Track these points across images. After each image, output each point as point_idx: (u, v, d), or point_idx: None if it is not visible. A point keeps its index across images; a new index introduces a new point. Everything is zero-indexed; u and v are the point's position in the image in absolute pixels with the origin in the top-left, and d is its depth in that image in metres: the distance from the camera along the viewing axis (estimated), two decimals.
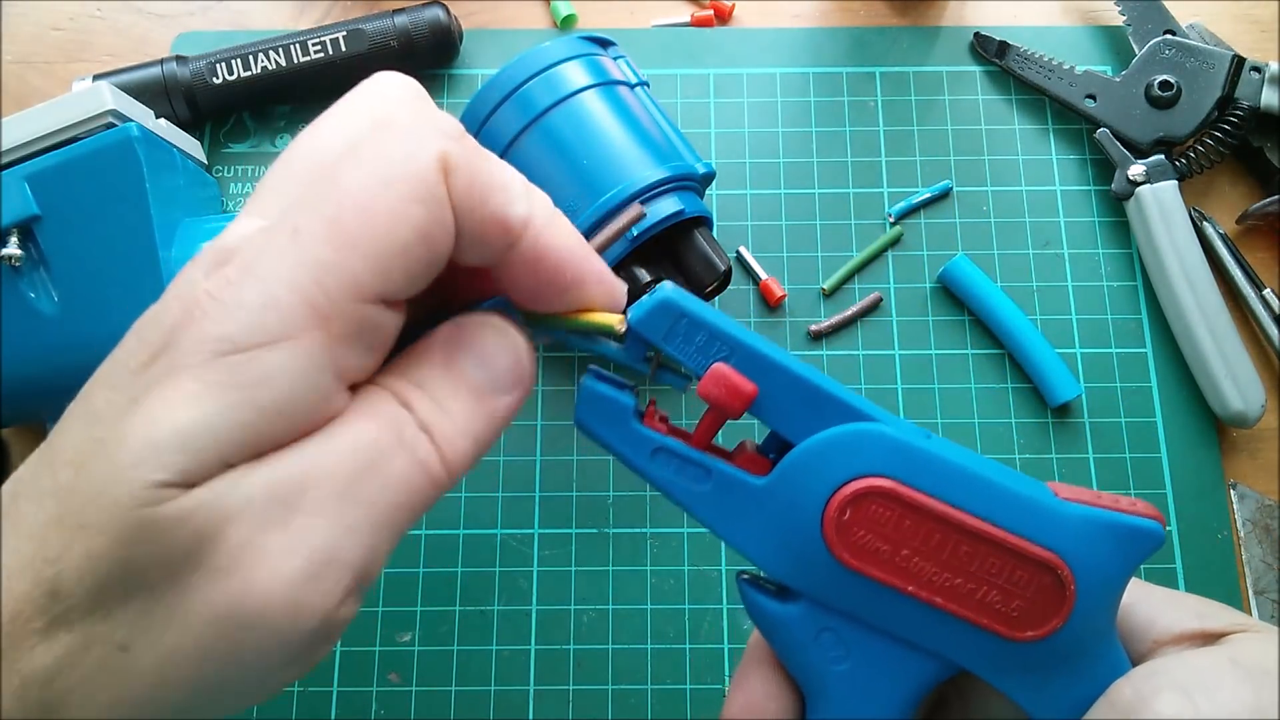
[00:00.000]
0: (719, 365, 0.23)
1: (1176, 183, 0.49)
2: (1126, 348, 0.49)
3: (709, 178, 0.46)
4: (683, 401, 0.48)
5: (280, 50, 0.51)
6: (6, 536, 0.18)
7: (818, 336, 0.49)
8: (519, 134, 0.43)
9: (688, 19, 0.55)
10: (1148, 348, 0.49)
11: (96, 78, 0.49)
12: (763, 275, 0.50)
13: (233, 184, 0.52)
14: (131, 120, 0.43)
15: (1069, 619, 0.22)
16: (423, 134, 0.19)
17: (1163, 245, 0.48)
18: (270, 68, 0.51)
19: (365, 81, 0.21)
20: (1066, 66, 0.52)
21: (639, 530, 0.47)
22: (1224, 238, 0.50)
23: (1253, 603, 0.45)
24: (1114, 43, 0.55)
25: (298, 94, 0.52)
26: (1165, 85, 0.50)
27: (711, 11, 0.55)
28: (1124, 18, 0.52)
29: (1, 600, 0.17)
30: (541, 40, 0.49)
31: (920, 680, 0.23)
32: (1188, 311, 0.47)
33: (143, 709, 0.18)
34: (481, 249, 0.20)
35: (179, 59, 0.51)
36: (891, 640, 0.23)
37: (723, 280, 0.44)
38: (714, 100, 0.54)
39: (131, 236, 0.41)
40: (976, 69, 0.54)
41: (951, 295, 0.50)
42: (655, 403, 0.25)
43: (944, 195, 0.52)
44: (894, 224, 0.51)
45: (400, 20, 0.52)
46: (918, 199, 0.51)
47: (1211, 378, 0.46)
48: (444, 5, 0.53)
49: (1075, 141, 0.53)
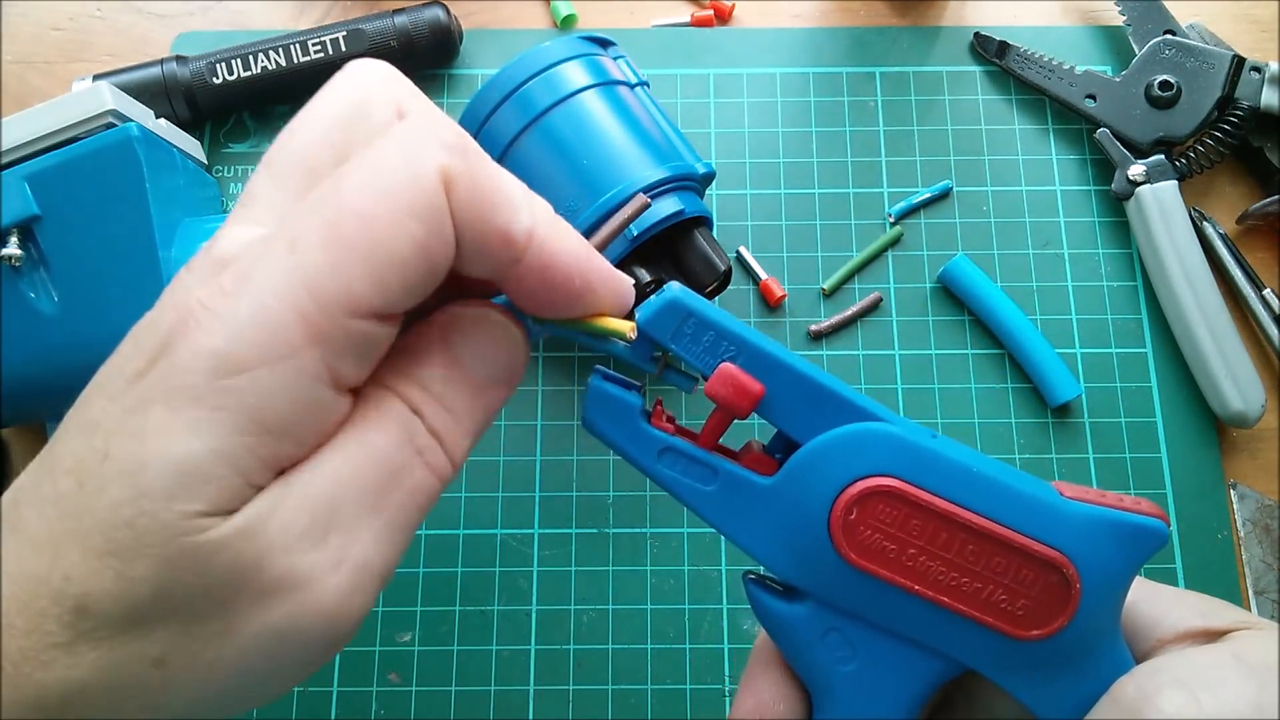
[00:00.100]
0: (726, 365, 0.23)
1: (1176, 183, 0.49)
2: (1126, 348, 0.49)
3: (709, 178, 0.46)
4: (682, 401, 0.48)
5: (280, 50, 0.51)
6: (8, 543, 0.18)
7: (818, 336, 0.49)
8: (519, 134, 0.43)
9: (688, 19, 0.55)
10: (1148, 348, 0.49)
11: (96, 78, 0.49)
12: (763, 275, 0.50)
13: (233, 184, 0.52)
14: (131, 120, 0.43)
15: (1074, 617, 0.22)
16: (424, 146, 0.19)
17: (1163, 245, 0.48)
18: (270, 68, 0.51)
19: (340, 72, 0.20)
20: (1066, 66, 0.52)
21: (639, 530, 0.47)
22: (1224, 238, 0.50)
23: (1253, 603, 0.45)
24: (1114, 43, 0.55)
25: (298, 94, 0.52)
26: (1165, 85, 0.50)
27: (711, 11, 0.55)
28: (1124, 18, 0.52)
29: (10, 609, 0.17)
30: (541, 40, 0.50)
31: (926, 680, 0.23)
32: (1188, 311, 0.47)
33: (175, 714, 0.18)
34: (485, 261, 0.20)
35: (179, 59, 0.51)
36: (898, 640, 0.23)
37: (723, 280, 0.44)
38: (714, 100, 0.54)
39: (131, 236, 0.41)
40: (976, 69, 0.54)
41: (951, 295, 0.50)
42: (662, 403, 0.25)
43: (944, 195, 0.52)
44: (894, 224, 0.51)
45: (400, 20, 0.52)
46: (918, 199, 0.51)
47: (1211, 378, 0.46)
48: (444, 5, 0.53)
49: (1075, 141, 0.53)
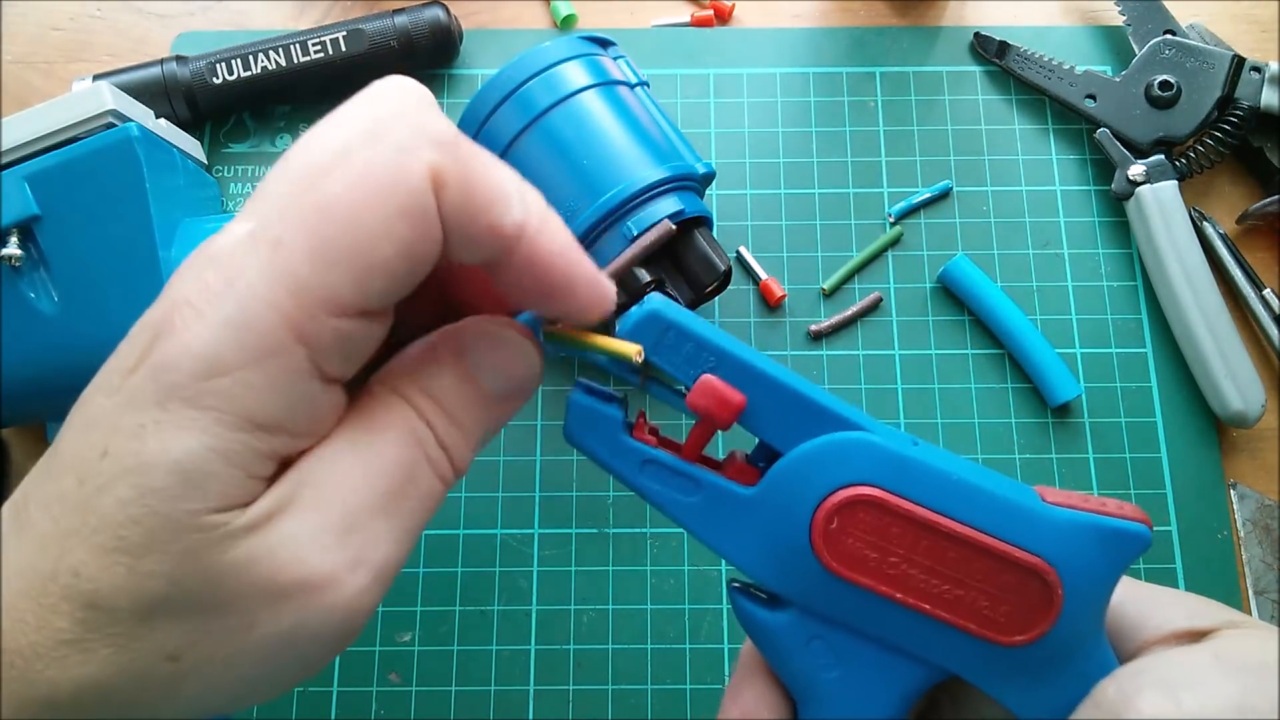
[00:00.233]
0: (707, 377, 0.23)
1: (1176, 183, 0.49)
2: (1126, 348, 0.49)
3: (709, 178, 0.46)
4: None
5: (280, 50, 0.51)
6: (17, 541, 0.18)
7: (818, 336, 0.49)
8: (519, 134, 0.43)
9: (688, 19, 0.55)
10: (1148, 348, 0.49)
11: (96, 78, 0.49)
12: (763, 275, 0.50)
13: (233, 184, 0.52)
14: (131, 120, 0.43)
15: (1056, 623, 0.22)
16: (413, 145, 0.18)
17: (1163, 245, 0.48)
18: (270, 68, 0.51)
19: (371, 85, 0.20)
20: (1066, 66, 0.52)
21: (639, 530, 0.47)
22: (1224, 238, 0.50)
23: (1253, 603, 0.45)
24: (1114, 43, 0.55)
25: (298, 94, 0.52)
26: (1165, 85, 0.50)
27: (711, 11, 0.55)
28: (1124, 18, 0.52)
29: (20, 605, 0.17)
30: (541, 40, 0.50)
31: (910, 686, 0.23)
32: (1188, 311, 0.47)
33: (188, 710, 0.19)
34: (474, 254, 0.20)
35: (179, 59, 0.51)
36: (881, 647, 0.23)
37: (723, 280, 0.44)
38: (714, 100, 0.54)
39: (131, 236, 0.41)
40: (976, 69, 0.54)
41: (951, 295, 0.50)
42: (645, 415, 0.25)
43: (944, 195, 0.52)
44: (894, 224, 0.51)
45: (400, 20, 0.52)
46: (918, 199, 0.51)
47: (1211, 378, 0.46)
48: (444, 5, 0.53)
49: (1075, 141, 0.53)
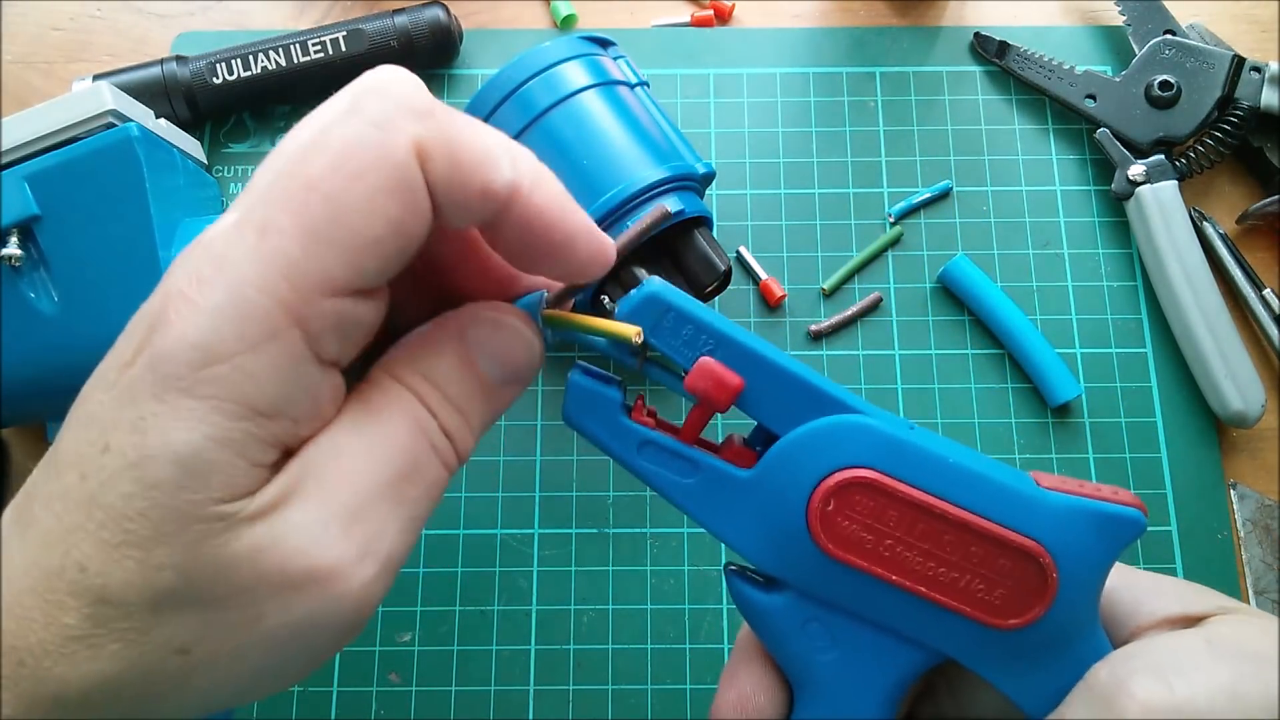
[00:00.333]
0: (705, 359, 0.23)
1: (1176, 183, 0.49)
2: (1126, 348, 0.49)
3: (709, 178, 0.46)
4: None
5: (280, 50, 0.51)
6: (22, 539, 0.18)
7: (818, 336, 0.49)
8: (519, 134, 0.43)
9: (688, 19, 0.55)
10: (1148, 348, 0.49)
11: (96, 78, 0.49)
12: (763, 275, 0.50)
13: (233, 184, 0.52)
14: (131, 120, 0.43)
15: (1051, 606, 0.22)
16: (394, 120, 0.18)
17: (1163, 245, 0.48)
18: (270, 68, 0.51)
19: (364, 75, 0.21)
20: (1066, 66, 0.52)
21: (639, 530, 0.47)
22: (1224, 238, 0.50)
23: (1253, 603, 0.45)
24: (1114, 43, 0.55)
25: (298, 94, 0.52)
26: (1165, 85, 0.50)
27: (711, 11, 0.55)
28: (1124, 18, 0.52)
29: (26, 602, 0.17)
30: (541, 40, 0.50)
31: (906, 669, 0.24)
32: (1188, 311, 0.47)
33: (196, 703, 0.19)
34: (470, 218, 0.20)
35: (179, 59, 0.51)
36: (877, 629, 0.23)
37: (723, 280, 0.44)
38: (714, 100, 0.54)
39: (131, 236, 0.41)
40: (976, 69, 0.54)
41: (951, 295, 0.50)
42: (644, 397, 0.25)
43: (944, 195, 0.52)
44: (894, 224, 0.51)
45: (400, 20, 0.52)
46: (918, 199, 0.51)
47: (1211, 378, 0.46)
48: (444, 5, 0.53)
49: (1075, 141, 0.53)
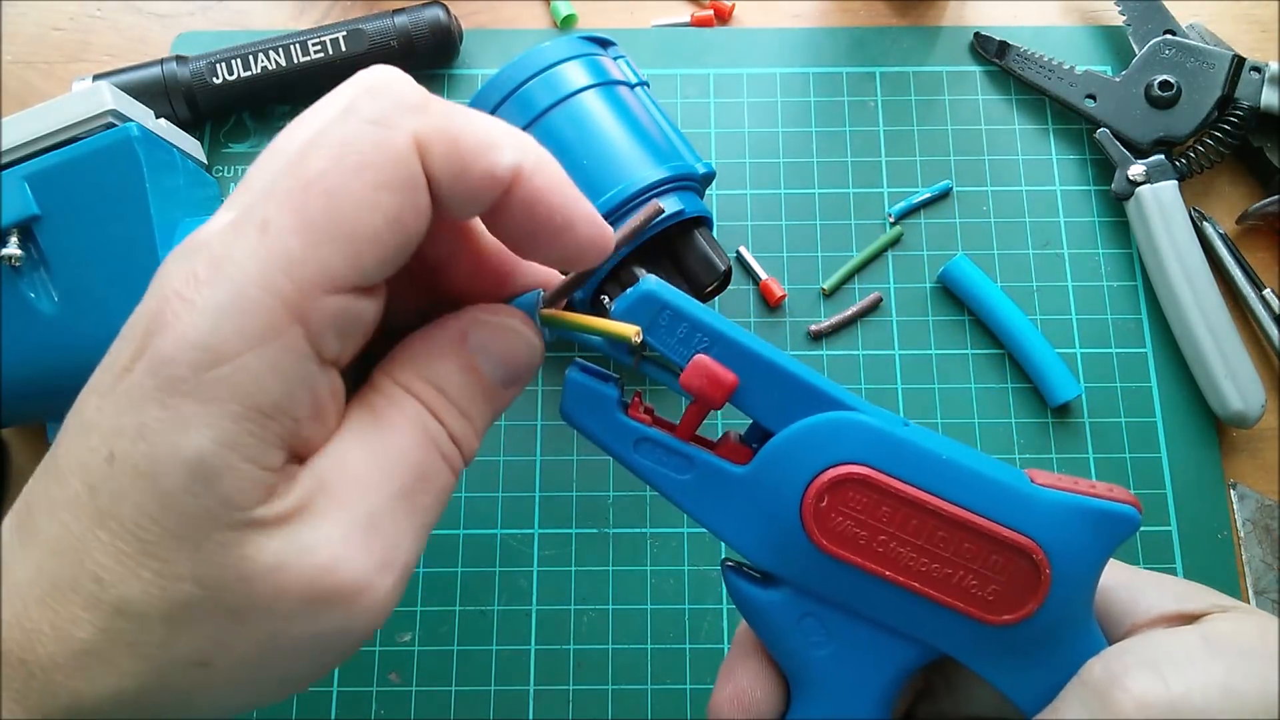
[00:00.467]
0: (700, 356, 0.23)
1: (1176, 183, 0.49)
2: (1126, 348, 0.49)
3: (709, 178, 0.46)
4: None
5: (280, 50, 0.51)
6: (26, 551, 0.18)
7: (818, 336, 0.49)
8: None
9: (688, 19, 0.55)
10: (1148, 348, 0.49)
11: (96, 78, 0.49)
12: (763, 275, 0.50)
13: (233, 184, 0.52)
14: (131, 120, 0.43)
15: (1045, 602, 0.22)
16: (390, 117, 0.18)
17: (1163, 245, 0.48)
18: (270, 68, 0.51)
19: (355, 75, 0.21)
20: (1066, 66, 0.52)
21: (639, 530, 0.47)
22: (1224, 238, 0.50)
23: (1253, 603, 0.45)
24: (1114, 43, 0.55)
25: (298, 94, 0.52)
26: (1165, 85, 0.50)
27: (711, 11, 0.55)
28: (1124, 18, 0.52)
29: (34, 615, 0.17)
30: (541, 40, 0.50)
31: (901, 664, 0.24)
32: (1188, 311, 0.47)
33: (213, 711, 0.19)
34: (476, 205, 0.20)
35: (179, 59, 0.51)
36: (872, 625, 0.23)
37: (723, 280, 0.44)
38: (714, 100, 0.54)
39: (131, 236, 0.41)
40: (976, 69, 0.54)
41: (951, 295, 0.50)
42: (641, 395, 0.25)
43: (944, 195, 0.52)
44: (894, 224, 0.51)
45: (400, 20, 0.52)
46: (918, 199, 0.51)
47: (1211, 378, 0.46)
48: (444, 5, 0.53)
49: (1075, 141, 0.53)
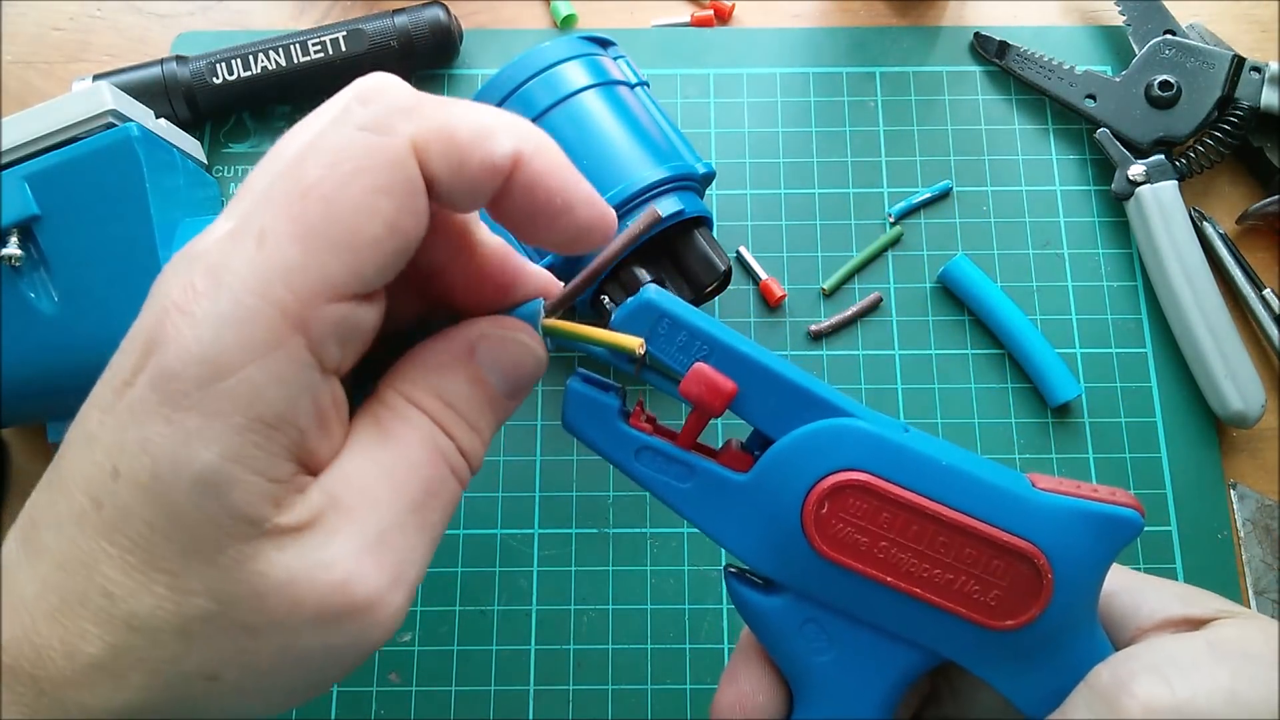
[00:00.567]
0: (699, 364, 0.23)
1: (1176, 183, 0.49)
2: (1126, 348, 0.49)
3: (709, 178, 0.46)
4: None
5: (280, 50, 0.51)
6: (32, 565, 0.18)
7: (818, 336, 0.49)
8: None
9: (688, 19, 0.55)
10: (1148, 348, 0.49)
11: (96, 78, 0.49)
12: (763, 275, 0.50)
13: (233, 184, 0.52)
14: (131, 120, 0.43)
15: (1047, 607, 0.22)
16: (385, 121, 0.18)
17: (1163, 245, 0.48)
18: (270, 68, 0.51)
19: (354, 82, 0.20)
20: (1066, 66, 0.52)
21: (639, 530, 0.47)
22: (1224, 238, 0.50)
23: (1253, 603, 0.45)
24: (1114, 43, 0.55)
25: (298, 94, 0.52)
26: (1165, 85, 0.50)
27: (711, 11, 0.55)
28: (1124, 18, 0.52)
29: (43, 630, 0.17)
30: (541, 40, 0.50)
31: (903, 670, 0.24)
32: (1188, 311, 0.47)
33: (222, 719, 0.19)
34: (478, 196, 0.20)
35: (179, 59, 0.51)
36: (874, 631, 0.23)
37: (723, 280, 0.44)
38: (714, 100, 0.54)
39: (131, 236, 0.41)
40: (976, 69, 0.54)
41: (951, 295, 0.50)
42: (643, 404, 0.25)
43: (944, 195, 0.52)
44: (894, 224, 0.51)
45: (400, 20, 0.52)
46: (918, 199, 0.51)
47: (1211, 378, 0.46)
48: (444, 5, 0.53)
49: (1075, 141, 0.53)
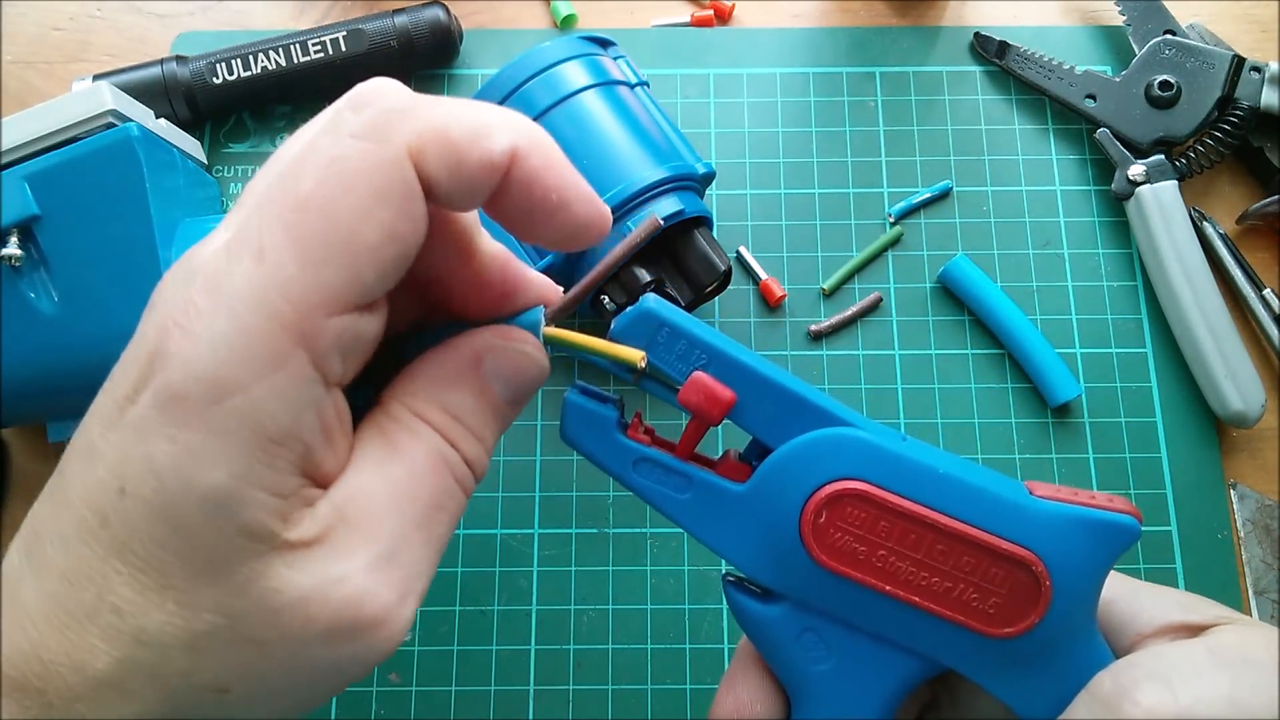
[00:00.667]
0: (698, 373, 0.23)
1: (1176, 183, 0.49)
2: (1126, 348, 0.49)
3: (709, 178, 0.46)
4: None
5: (280, 50, 0.51)
6: (38, 579, 0.18)
7: (818, 336, 0.49)
8: None
9: (688, 19, 0.55)
10: (1148, 348, 0.49)
11: (96, 78, 0.49)
12: (763, 275, 0.50)
13: (233, 184, 0.52)
14: (131, 120, 0.43)
15: (1046, 614, 0.22)
16: (379, 128, 0.18)
17: (1163, 245, 0.48)
18: (270, 68, 0.51)
19: (355, 88, 0.20)
20: (1066, 66, 0.52)
21: (639, 530, 0.47)
22: (1224, 238, 0.50)
23: (1253, 603, 0.45)
24: (1114, 43, 0.55)
25: (298, 94, 0.52)
26: (1165, 85, 0.50)
27: (711, 11, 0.55)
28: (1124, 18, 0.52)
29: (51, 645, 0.17)
30: (541, 40, 0.50)
31: (902, 679, 0.24)
32: (1188, 311, 0.47)
33: None
34: (477, 195, 0.20)
35: (179, 59, 0.51)
36: (873, 639, 0.23)
37: (723, 280, 0.44)
38: (714, 100, 0.54)
39: (131, 236, 0.41)
40: (976, 69, 0.54)
41: (951, 295, 0.50)
42: (641, 415, 0.25)
43: (944, 195, 0.52)
44: (894, 224, 0.51)
45: (400, 20, 0.52)
46: (918, 199, 0.51)
47: (1211, 378, 0.46)
48: (444, 5, 0.53)
49: (1075, 141, 0.53)
